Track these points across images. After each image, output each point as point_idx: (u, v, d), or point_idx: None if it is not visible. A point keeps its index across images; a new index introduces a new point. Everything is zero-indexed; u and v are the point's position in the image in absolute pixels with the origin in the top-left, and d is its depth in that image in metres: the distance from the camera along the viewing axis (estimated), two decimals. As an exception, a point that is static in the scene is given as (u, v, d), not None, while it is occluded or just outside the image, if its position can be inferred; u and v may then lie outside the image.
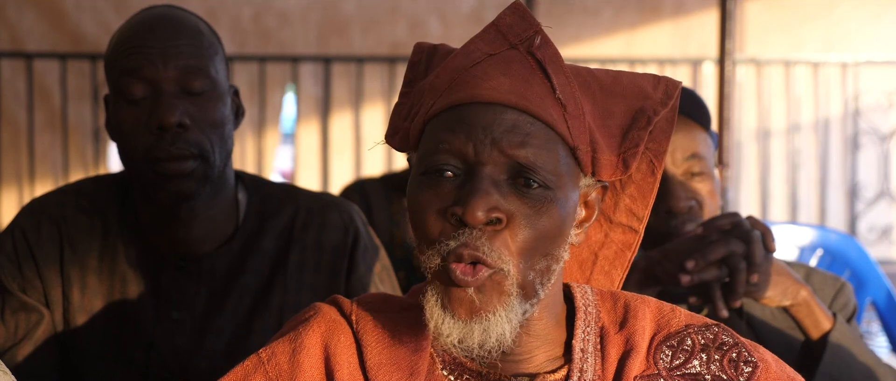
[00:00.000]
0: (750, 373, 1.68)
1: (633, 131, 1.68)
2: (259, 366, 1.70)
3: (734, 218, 2.39)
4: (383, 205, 4.01)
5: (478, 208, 1.55)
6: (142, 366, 2.44)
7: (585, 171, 1.66)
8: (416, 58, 1.77)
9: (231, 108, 2.45)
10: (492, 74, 1.62)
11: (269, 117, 7.93)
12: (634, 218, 1.79)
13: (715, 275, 2.35)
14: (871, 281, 3.66)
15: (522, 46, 1.65)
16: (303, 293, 2.50)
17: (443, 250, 1.57)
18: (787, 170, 8.29)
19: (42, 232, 2.47)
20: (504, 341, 1.58)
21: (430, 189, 1.60)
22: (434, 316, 1.59)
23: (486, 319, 1.57)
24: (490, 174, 1.58)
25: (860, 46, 8.16)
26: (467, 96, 1.61)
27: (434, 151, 1.61)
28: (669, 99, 1.71)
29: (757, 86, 8.18)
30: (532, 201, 1.58)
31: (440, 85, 1.65)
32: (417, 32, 7.97)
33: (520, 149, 1.58)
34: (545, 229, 1.59)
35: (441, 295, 1.59)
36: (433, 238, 1.59)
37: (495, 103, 1.60)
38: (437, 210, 1.59)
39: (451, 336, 1.58)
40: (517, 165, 1.58)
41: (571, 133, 1.62)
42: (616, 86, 1.70)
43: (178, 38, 2.36)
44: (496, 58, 1.65)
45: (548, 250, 1.61)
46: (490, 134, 1.58)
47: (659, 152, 1.74)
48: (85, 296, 2.45)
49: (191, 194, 2.36)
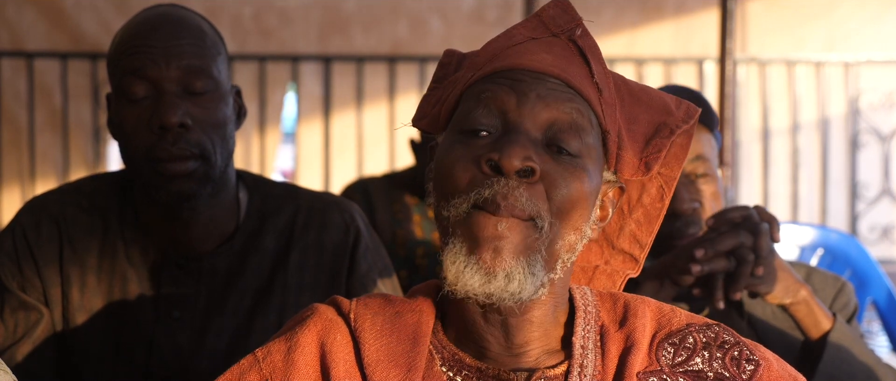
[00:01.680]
0: (752, 371, 1.68)
1: (656, 139, 1.71)
2: (254, 365, 1.70)
3: (745, 211, 2.39)
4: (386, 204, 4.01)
5: (514, 155, 1.56)
6: (142, 365, 2.44)
7: (610, 163, 1.69)
8: (447, 60, 1.80)
9: (233, 108, 2.45)
10: (534, 49, 1.66)
11: (269, 117, 7.92)
12: (637, 245, 1.81)
13: (723, 266, 2.35)
14: (872, 281, 3.66)
15: (564, 35, 1.69)
16: (303, 293, 2.50)
17: (474, 198, 1.57)
18: (788, 169, 8.29)
19: (42, 231, 2.47)
20: (524, 294, 1.58)
21: (463, 145, 1.62)
22: (457, 262, 1.58)
23: (510, 266, 1.57)
24: (527, 131, 1.60)
25: (862, 46, 8.15)
26: (511, 64, 1.65)
27: (474, 106, 1.63)
28: (689, 119, 1.74)
29: (759, 85, 8.17)
30: (565, 163, 1.60)
31: (480, 61, 1.69)
32: (418, 31, 7.97)
33: (564, 104, 1.61)
34: (577, 192, 1.60)
35: (468, 240, 1.58)
36: (462, 187, 1.59)
37: (539, 71, 1.63)
38: (469, 159, 1.60)
39: (473, 281, 1.57)
40: (556, 124, 1.60)
41: (605, 117, 1.66)
42: (643, 95, 1.74)
43: (180, 37, 2.36)
44: (538, 41, 1.68)
45: (577, 221, 1.62)
46: (534, 89, 1.61)
47: (670, 178, 1.77)
48: (84, 295, 2.44)
49: (192, 195, 2.36)
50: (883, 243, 8.20)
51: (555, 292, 1.68)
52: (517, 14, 7.60)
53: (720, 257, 2.35)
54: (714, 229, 2.39)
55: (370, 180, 4.19)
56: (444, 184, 1.62)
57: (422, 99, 1.78)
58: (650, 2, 8.10)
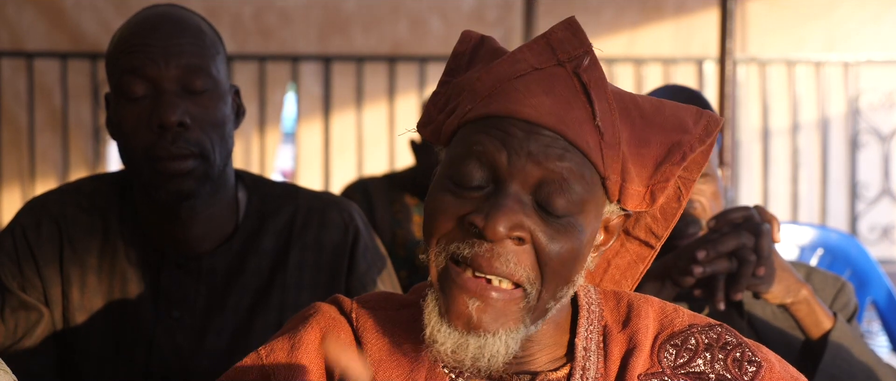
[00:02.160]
0: (754, 373, 1.68)
1: (666, 165, 1.65)
2: (257, 363, 1.70)
3: (746, 212, 2.39)
4: (385, 204, 4.01)
5: (500, 223, 1.53)
6: (142, 365, 2.44)
7: (612, 198, 1.65)
8: (462, 48, 1.75)
9: (232, 107, 2.45)
10: (534, 90, 1.60)
11: (269, 117, 7.92)
12: (652, 236, 1.79)
13: (725, 267, 2.35)
14: (872, 281, 3.66)
15: (570, 65, 1.62)
16: (303, 292, 2.50)
17: (454, 252, 1.56)
18: (788, 169, 8.29)
19: (42, 231, 2.47)
20: (497, 360, 1.57)
21: (453, 194, 1.59)
22: (431, 322, 1.57)
23: (484, 336, 1.56)
24: (516, 192, 1.56)
25: (861, 46, 8.15)
26: (506, 110, 1.60)
27: (466, 154, 1.60)
28: (708, 136, 1.69)
29: (759, 85, 8.17)
30: (555, 224, 1.57)
31: (480, 90, 1.64)
32: (418, 31, 7.97)
33: (556, 162, 1.57)
34: (567, 254, 1.58)
35: (440, 302, 1.57)
36: (442, 236, 1.58)
37: (532, 123, 1.58)
38: (455, 215, 1.58)
39: (445, 346, 1.56)
40: (546, 183, 1.57)
41: (604, 162, 1.61)
42: (657, 116, 1.68)
43: (180, 36, 2.36)
44: (541, 73, 1.62)
45: (569, 276, 1.60)
46: (526, 146, 1.57)
47: (688, 181, 1.73)
48: (85, 295, 2.44)
49: (191, 193, 2.35)
50: (883, 243, 8.20)
51: (557, 318, 1.67)
52: (517, 14, 7.61)
53: (722, 259, 2.35)
54: (715, 230, 2.38)
55: (370, 180, 4.19)
56: (428, 227, 1.61)
57: (430, 98, 1.75)
58: (650, 2, 8.10)
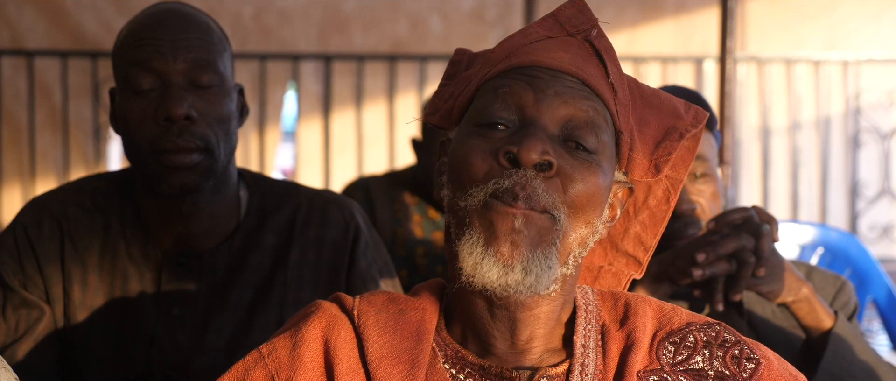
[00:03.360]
0: (752, 370, 1.69)
1: (666, 142, 1.72)
2: (259, 361, 1.70)
3: (745, 213, 2.40)
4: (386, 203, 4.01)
5: (533, 149, 1.57)
6: (142, 362, 2.44)
7: (621, 163, 1.70)
8: (458, 58, 1.81)
9: (236, 105, 2.45)
10: (551, 47, 1.67)
11: (270, 115, 7.92)
12: (641, 248, 1.82)
13: (725, 269, 2.35)
14: (872, 279, 3.66)
15: (579, 35, 1.70)
16: (303, 290, 2.50)
17: (492, 189, 1.58)
18: (788, 168, 8.29)
19: (43, 229, 2.47)
20: (540, 286, 1.59)
21: (481, 137, 1.62)
22: (474, 254, 1.58)
23: (526, 258, 1.57)
24: (544, 126, 1.61)
25: (861, 45, 8.15)
26: (529, 60, 1.66)
27: (491, 100, 1.64)
28: (697, 124, 1.75)
29: (758, 84, 8.17)
30: (581, 159, 1.61)
31: (496, 57, 1.69)
32: (418, 30, 7.97)
33: (581, 102, 1.62)
34: (592, 187, 1.62)
35: (485, 232, 1.58)
36: (479, 177, 1.60)
37: (556, 69, 1.64)
38: (486, 151, 1.61)
39: (491, 274, 1.57)
40: (573, 121, 1.61)
41: (619, 116, 1.67)
42: (655, 98, 1.75)
43: (188, 31, 2.37)
44: (554, 40, 1.69)
45: (590, 216, 1.63)
46: (552, 85, 1.62)
47: (676, 181, 1.78)
48: (86, 293, 2.45)
49: (194, 188, 2.36)
50: (883, 242, 8.20)
51: (564, 290, 1.68)
52: (517, 13, 7.60)
53: (721, 261, 2.36)
54: (714, 232, 2.39)
55: (371, 179, 4.19)
56: (461, 174, 1.63)
57: (433, 95, 1.80)
58: (650, 0, 8.10)
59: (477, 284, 1.59)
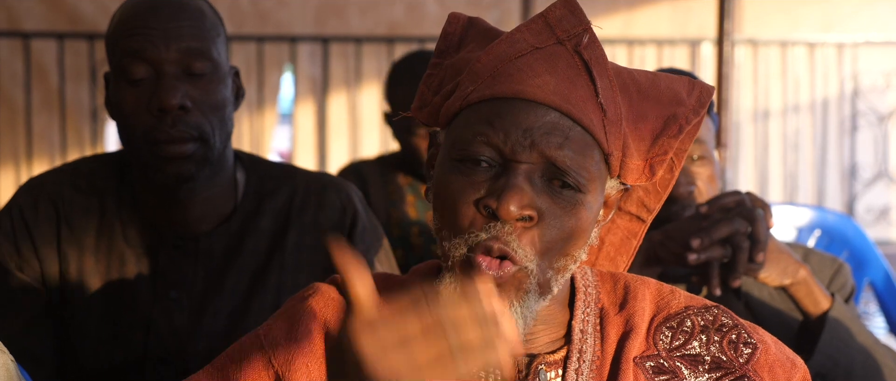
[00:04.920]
0: (749, 354, 1.69)
1: (663, 138, 1.68)
2: (256, 343, 1.70)
3: (737, 196, 2.39)
4: (380, 185, 4.01)
5: (512, 204, 1.55)
6: (139, 346, 2.44)
7: (613, 174, 1.67)
8: (451, 28, 1.76)
9: (231, 89, 2.45)
10: (538, 70, 1.61)
11: (266, 98, 7.92)
12: (644, 209, 1.80)
13: (720, 254, 2.35)
14: (870, 262, 3.66)
15: (570, 43, 1.63)
16: (300, 273, 2.50)
17: (471, 241, 1.57)
18: (784, 151, 8.29)
19: (39, 211, 2.47)
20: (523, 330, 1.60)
21: (464, 176, 1.60)
22: None
23: None
24: (526, 171, 1.58)
25: (858, 27, 8.15)
26: (511, 91, 1.61)
27: (471, 140, 1.60)
28: (702, 107, 1.71)
29: (754, 67, 8.17)
30: (563, 202, 1.59)
31: (481, 71, 1.64)
32: (415, 13, 7.97)
33: (558, 150, 1.58)
34: (572, 230, 1.60)
35: (462, 285, 1.58)
36: (462, 228, 1.59)
37: (538, 103, 1.59)
38: (469, 200, 1.59)
39: None
40: (553, 166, 1.58)
41: (608, 139, 1.62)
42: (653, 89, 1.69)
43: (180, 19, 2.36)
44: (542, 52, 1.63)
45: (569, 250, 1.61)
46: (530, 136, 1.58)
47: (681, 151, 1.75)
48: (82, 275, 2.45)
49: (190, 177, 2.36)
50: (880, 225, 8.22)
51: (557, 294, 1.68)
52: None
53: (716, 246, 2.35)
54: (706, 216, 2.38)
55: (363, 163, 4.19)
56: (445, 218, 1.62)
57: (422, 82, 1.75)
58: (647, -17, 8.11)
59: None
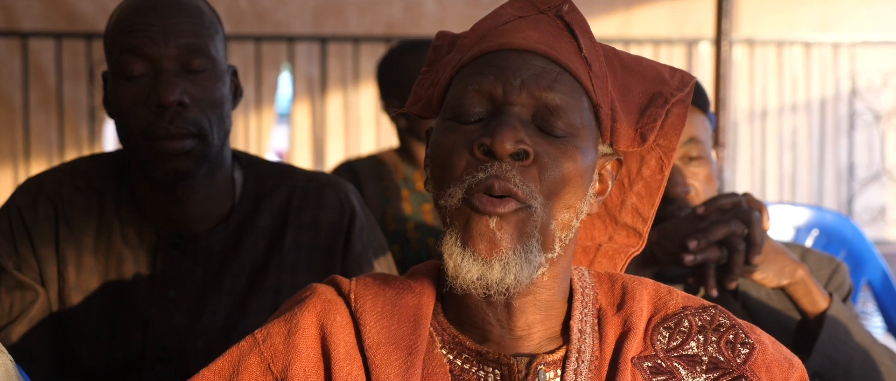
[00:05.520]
0: (747, 355, 1.69)
1: (651, 109, 1.70)
2: (254, 347, 1.69)
3: (734, 198, 2.39)
4: (373, 182, 4.02)
5: (507, 139, 1.56)
6: (137, 345, 2.44)
7: (605, 136, 1.68)
8: (440, 42, 1.80)
9: (230, 88, 2.45)
10: (521, 28, 1.66)
11: (264, 97, 7.92)
12: (639, 219, 1.81)
13: (716, 256, 2.35)
14: (867, 261, 3.66)
15: (551, 12, 1.69)
16: (299, 272, 2.50)
17: (469, 183, 1.58)
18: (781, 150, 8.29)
19: (38, 211, 2.47)
20: (521, 281, 1.59)
21: (458, 133, 1.62)
22: (454, 255, 1.58)
23: (506, 256, 1.57)
24: (518, 113, 1.60)
25: (855, 27, 8.15)
26: (497, 44, 1.65)
27: (463, 93, 1.64)
28: (684, 87, 1.73)
29: (753, 66, 8.18)
30: (558, 144, 1.61)
31: (468, 42, 1.69)
32: (413, 13, 7.97)
33: (548, 92, 1.61)
34: (570, 173, 1.61)
35: (462, 232, 1.59)
36: (458, 174, 1.60)
37: (525, 50, 1.64)
38: (462, 145, 1.60)
39: (471, 273, 1.57)
40: (544, 107, 1.61)
41: (595, 91, 1.66)
42: (636, 65, 1.74)
43: (178, 16, 2.36)
44: (525, 19, 1.68)
45: (571, 200, 1.62)
46: (520, 76, 1.61)
47: (668, 149, 1.76)
48: (80, 275, 2.45)
49: (188, 173, 2.36)
50: (877, 224, 8.22)
51: (557, 273, 1.67)
52: (512, -5, 7.59)
53: (712, 247, 2.35)
54: (703, 218, 2.38)
55: (356, 161, 4.21)
56: (440, 172, 1.63)
57: (415, 83, 1.79)
58: (644, -18, 8.11)
59: (460, 285, 1.59)
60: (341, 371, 1.65)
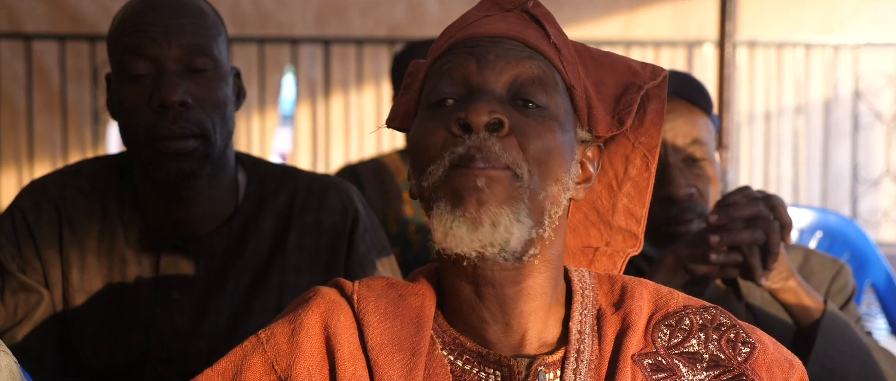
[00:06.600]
0: (748, 354, 1.69)
1: (626, 96, 1.73)
2: (258, 347, 1.69)
3: (745, 191, 2.39)
4: (375, 185, 4.02)
5: (481, 109, 1.57)
6: (141, 346, 2.44)
7: (582, 121, 1.69)
8: (414, 69, 1.82)
9: (233, 89, 2.45)
10: (489, 22, 1.69)
11: (268, 99, 7.93)
12: (633, 220, 1.82)
13: (747, 237, 2.32)
14: (871, 263, 3.66)
15: (517, 9, 1.71)
16: (302, 274, 2.50)
17: (449, 159, 1.58)
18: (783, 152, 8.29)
19: (42, 213, 2.47)
20: (512, 240, 1.58)
21: (433, 117, 1.63)
22: (444, 220, 1.58)
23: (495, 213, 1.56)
24: (492, 90, 1.61)
25: (859, 28, 8.15)
26: (466, 35, 1.67)
27: (437, 81, 1.65)
28: (657, 76, 1.75)
29: (755, 68, 8.17)
30: (534, 116, 1.62)
31: (438, 46, 1.70)
32: (416, 14, 7.98)
33: (524, 61, 1.64)
34: (551, 143, 1.61)
35: (450, 198, 1.58)
36: (436, 152, 1.60)
37: (496, 36, 1.66)
38: (439, 125, 1.61)
39: (460, 234, 1.57)
40: (520, 79, 1.63)
41: (567, 72, 1.67)
42: (606, 59, 1.76)
43: (181, 16, 2.37)
44: (492, 17, 1.70)
45: (556, 172, 1.62)
46: (493, 50, 1.64)
47: (652, 146, 1.78)
48: (84, 277, 2.45)
49: (191, 173, 2.36)
50: (881, 226, 8.22)
51: (548, 259, 1.67)
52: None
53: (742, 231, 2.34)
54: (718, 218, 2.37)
55: (357, 165, 4.21)
56: (419, 156, 1.63)
57: (393, 104, 1.81)
58: (646, -15, 8.11)
59: (449, 249, 1.59)
60: (345, 372, 1.65)
